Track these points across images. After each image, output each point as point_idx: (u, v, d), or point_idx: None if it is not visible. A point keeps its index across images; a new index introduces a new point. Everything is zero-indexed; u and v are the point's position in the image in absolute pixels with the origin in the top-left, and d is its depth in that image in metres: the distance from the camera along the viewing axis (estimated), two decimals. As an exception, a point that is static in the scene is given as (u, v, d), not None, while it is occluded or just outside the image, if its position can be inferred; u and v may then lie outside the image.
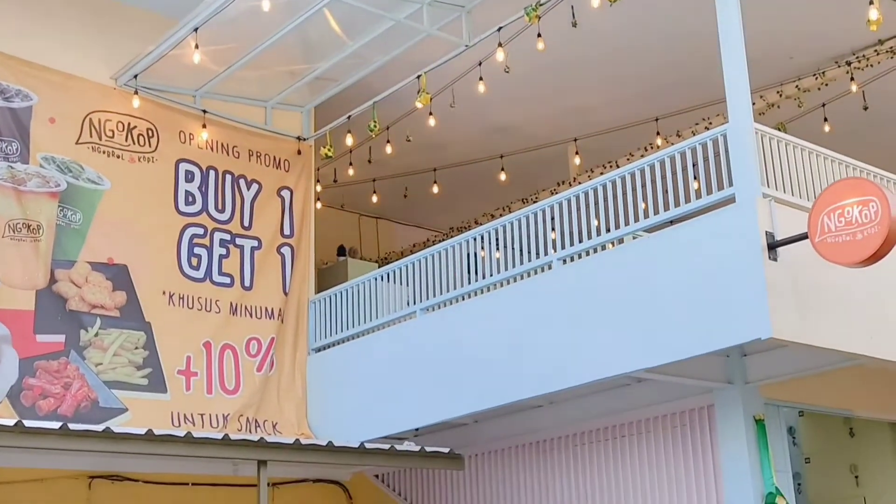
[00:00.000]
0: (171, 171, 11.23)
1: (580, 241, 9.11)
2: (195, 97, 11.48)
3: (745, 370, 8.80)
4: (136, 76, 10.80)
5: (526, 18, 9.77)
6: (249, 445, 9.26)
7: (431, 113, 11.35)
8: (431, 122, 11.50)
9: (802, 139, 8.52)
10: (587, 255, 9.14)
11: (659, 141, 12.40)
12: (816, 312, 7.75)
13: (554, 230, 9.43)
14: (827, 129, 11.79)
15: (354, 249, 14.94)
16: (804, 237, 7.46)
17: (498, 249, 9.93)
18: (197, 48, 9.99)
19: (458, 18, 10.45)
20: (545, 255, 9.40)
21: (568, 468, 10.09)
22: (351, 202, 15.05)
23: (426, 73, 10.71)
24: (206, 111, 11.49)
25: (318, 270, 12.81)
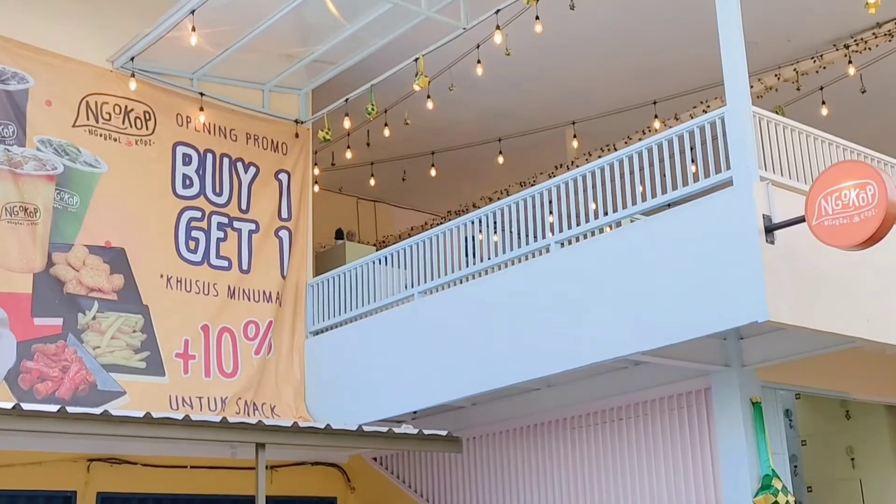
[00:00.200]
0: (168, 154, 11.22)
1: (578, 224, 9.11)
2: (192, 80, 11.46)
3: (741, 353, 8.82)
4: (132, 59, 10.77)
5: (524, 1, 9.74)
6: (248, 428, 9.29)
7: (429, 96, 11.33)
8: (429, 105, 11.47)
9: (800, 122, 8.51)
10: (585, 238, 9.14)
11: (657, 124, 12.37)
12: (813, 295, 7.76)
13: (552, 213, 9.43)
14: (825, 112, 11.78)
15: (352, 233, 14.94)
16: (801, 220, 7.46)
17: (496, 232, 9.93)
18: (194, 31, 9.96)
19: (455, 1, 10.42)
20: (543, 238, 9.40)
21: (565, 451, 10.12)
22: (349, 185, 15.03)
23: (424, 55, 10.68)
24: (203, 94, 11.47)
25: (315, 254, 12.81)
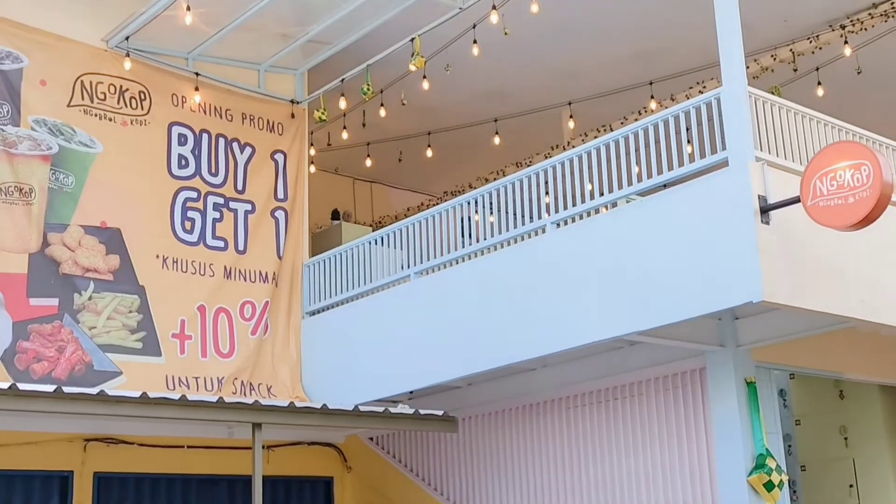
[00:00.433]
0: (163, 134, 11.19)
1: (574, 204, 9.12)
2: (188, 60, 11.42)
3: (736, 333, 8.85)
4: (127, 38, 10.73)
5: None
6: (244, 408, 9.30)
7: (425, 76, 11.30)
8: (425, 85, 11.44)
9: (796, 103, 8.51)
10: (581, 218, 9.15)
11: (653, 105, 12.36)
12: (808, 276, 7.78)
13: (548, 194, 9.43)
14: (820, 92, 11.77)
15: (348, 213, 14.92)
16: (796, 201, 7.48)
17: (492, 213, 9.93)
18: (189, 10, 9.92)
19: (452, -20, 10.39)
20: (539, 218, 9.41)
21: (561, 430, 10.16)
22: (345, 166, 15.00)
23: (420, 35, 10.65)
24: (198, 74, 11.43)
25: (312, 234, 12.80)
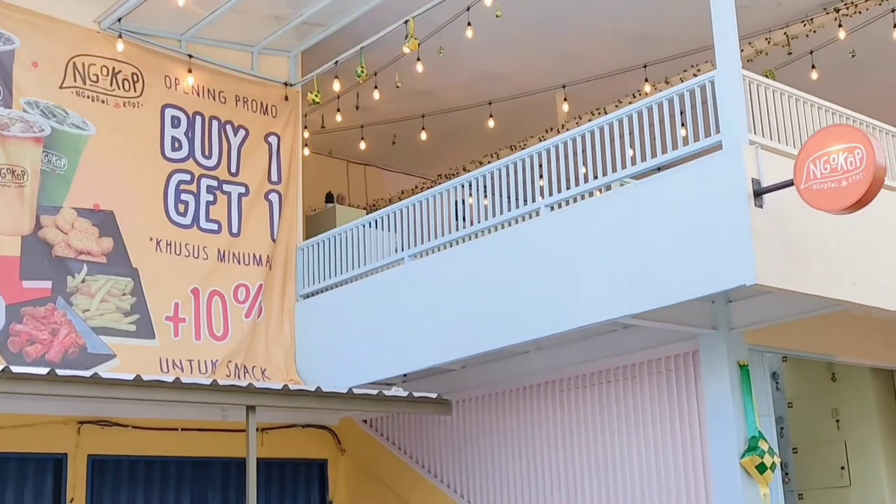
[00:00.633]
0: (156, 116, 11.16)
1: (568, 187, 9.12)
2: (181, 42, 11.37)
3: (729, 316, 8.87)
4: (119, 20, 10.68)
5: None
6: (238, 391, 9.32)
7: (419, 59, 11.27)
8: (419, 68, 11.42)
9: (790, 86, 8.51)
10: (575, 201, 9.16)
11: (647, 88, 12.35)
12: (801, 259, 7.80)
13: (542, 177, 9.43)
14: (814, 76, 11.77)
15: (342, 196, 14.91)
16: (790, 184, 7.49)
17: (486, 196, 9.93)
18: (182, -9, 9.89)
19: (445, -38, 10.35)
20: (533, 201, 9.41)
21: (554, 413, 10.19)
22: (339, 149, 14.98)
23: (414, 18, 10.61)
24: (191, 56, 11.39)
25: (306, 217, 12.80)
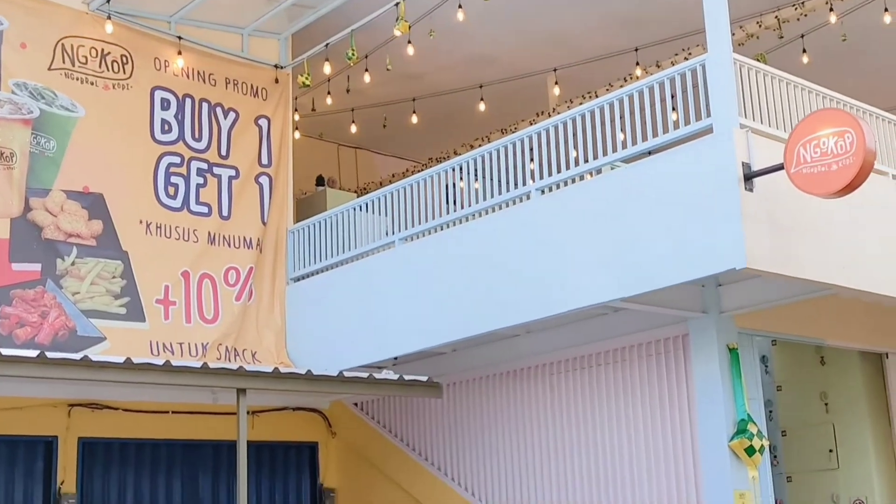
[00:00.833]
0: (146, 98, 11.11)
1: (558, 171, 9.12)
2: (170, 23, 11.31)
3: (719, 300, 8.90)
4: (108, 1, 10.61)
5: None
6: (228, 374, 9.31)
7: (410, 42, 11.23)
8: (410, 51, 11.38)
9: (781, 70, 8.51)
10: (565, 185, 9.15)
11: (638, 71, 12.34)
12: (791, 243, 7.82)
13: (532, 160, 9.41)
14: (805, 60, 11.77)
15: (333, 179, 14.88)
16: (780, 168, 7.49)
17: (476, 179, 9.92)
18: (171, -27, 9.83)
19: (436, -56, 10.31)
20: (523, 185, 9.40)
21: (544, 396, 10.22)
22: (329, 132, 14.94)
23: (404, 0, 10.56)
24: (181, 38, 11.33)
25: (296, 200, 12.77)
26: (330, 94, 12.74)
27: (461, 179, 10.13)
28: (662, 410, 9.19)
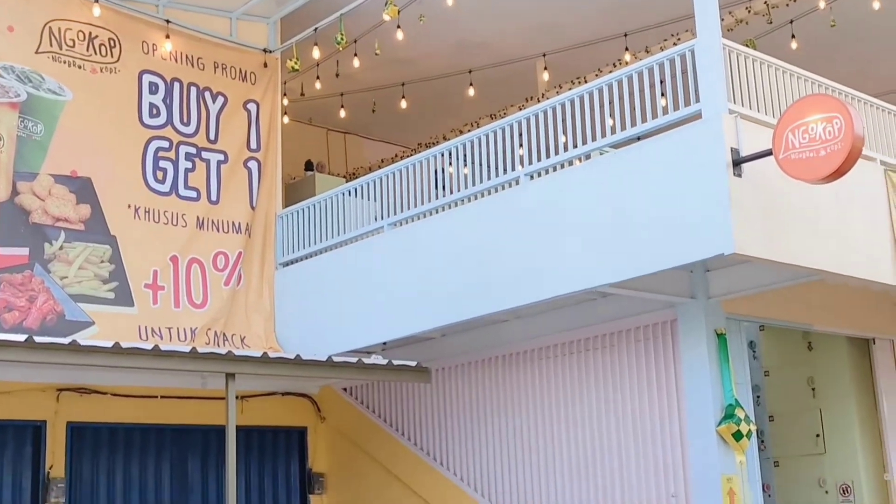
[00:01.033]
0: (134, 82, 11.06)
1: (547, 156, 9.11)
2: (158, 6, 11.26)
3: (707, 285, 8.92)
4: (96, -16, 10.57)
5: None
6: (217, 358, 9.31)
7: (399, 26, 11.20)
8: (399, 35, 11.35)
9: (770, 56, 8.52)
10: (554, 170, 9.15)
11: (627, 57, 12.33)
12: (779, 228, 7.84)
13: (521, 146, 9.41)
14: (794, 45, 11.78)
15: (322, 164, 14.85)
16: (769, 153, 7.51)
17: (465, 165, 9.91)
18: (159, -44, 9.78)
19: (426, -72, 10.27)
20: (512, 170, 9.40)
21: (533, 381, 10.25)
22: (318, 117, 14.90)
23: (394, -16, 10.55)
24: (169, 21, 11.28)
25: (285, 185, 12.74)
26: (319, 78, 12.70)
27: (450, 165, 10.12)
28: (651, 395, 9.23)
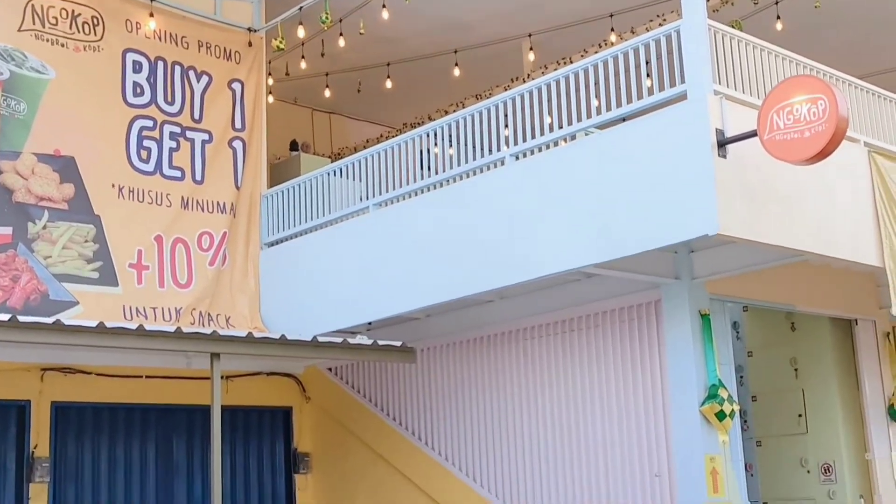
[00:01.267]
0: (117, 61, 10.99)
1: (533, 137, 9.11)
2: (141, -16, 11.19)
3: (692, 266, 8.95)
4: (79, -38, 10.48)
5: None
6: (202, 338, 9.30)
7: (385, 6, 11.16)
8: (385, 15, 11.30)
9: (755, 37, 8.52)
10: (540, 151, 9.15)
11: (613, 37, 12.32)
12: (764, 209, 7.87)
13: (507, 126, 9.40)
14: (780, 27, 11.79)
15: (307, 144, 14.80)
16: (753, 134, 7.53)
17: (451, 145, 9.90)
18: (143, -67, 9.70)
19: None
20: (498, 151, 9.40)
21: (518, 362, 10.28)
22: (304, 96, 14.84)
23: (379, -37, 10.50)
24: None
25: (270, 165, 12.70)
26: (304, 58, 12.64)
27: (435, 145, 10.11)
28: (635, 375, 9.27)
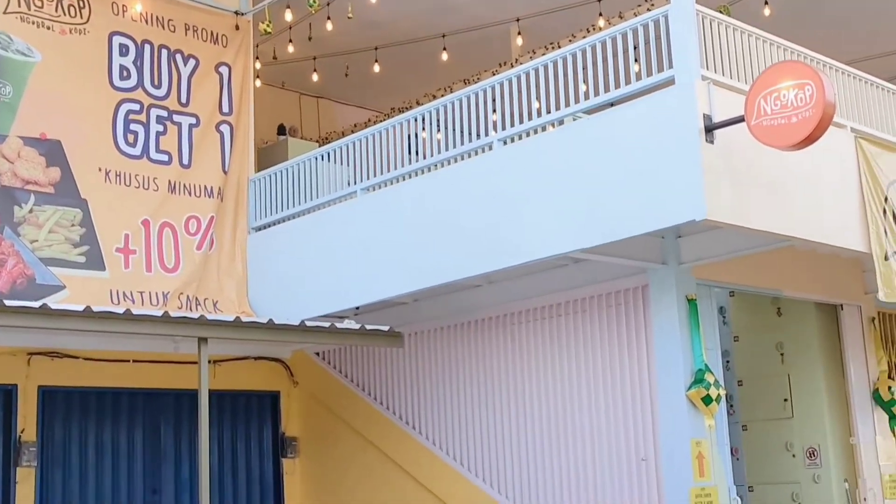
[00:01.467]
0: (104, 44, 10.93)
1: (521, 122, 9.11)
2: (128, -33, 11.11)
3: (679, 251, 8.98)
4: (65, -56, 10.41)
5: None
6: (190, 323, 9.30)
7: (373, -11, 11.14)
8: (373, -2, 11.29)
9: (743, 22, 8.53)
10: (528, 136, 9.15)
11: (601, 22, 12.31)
12: (751, 195, 7.89)
13: (495, 111, 9.40)
14: (767, 12, 11.80)
15: (295, 128, 14.77)
16: (741, 120, 7.55)
17: (439, 130, 9.89)
18: (129, -85, 9.63)
19: None
20: (486, 135, 9.39)
21: (505, 346, 10.30)
22: (291, 81, 14.80)
23: (367, -53, 10.46)
24: (139, -18, 11.15)
25: (257, 149, 12.67)
26: (291, 42, 12.61)
27: (423, 129, 10.10)
28: (622, 360, 9.30)
